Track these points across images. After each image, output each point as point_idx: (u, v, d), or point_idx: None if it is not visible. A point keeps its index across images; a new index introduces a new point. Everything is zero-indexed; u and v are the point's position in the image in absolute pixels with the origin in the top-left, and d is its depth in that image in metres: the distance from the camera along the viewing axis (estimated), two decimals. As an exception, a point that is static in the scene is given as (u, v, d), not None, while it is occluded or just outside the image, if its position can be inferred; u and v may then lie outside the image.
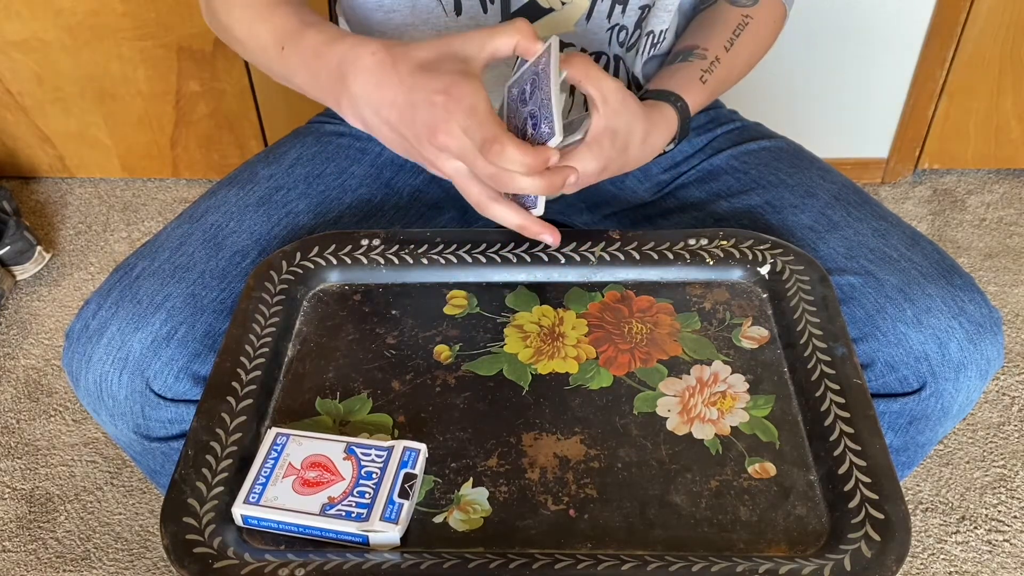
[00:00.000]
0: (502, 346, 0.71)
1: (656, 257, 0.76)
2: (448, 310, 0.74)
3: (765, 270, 0.75)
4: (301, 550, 0.57)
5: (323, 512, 0.57)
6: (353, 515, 0.57)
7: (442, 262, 0.76)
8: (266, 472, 0.60)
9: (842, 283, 0.78)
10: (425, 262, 0.76)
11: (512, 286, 0.76)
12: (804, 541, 0.58)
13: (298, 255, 0.77)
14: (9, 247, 1.65)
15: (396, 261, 0.76)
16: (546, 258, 0.76)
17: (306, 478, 0.59)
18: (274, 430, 0.62)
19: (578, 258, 0.76)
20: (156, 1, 1.66)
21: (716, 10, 0.88)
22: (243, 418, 0.64)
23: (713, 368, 0.69)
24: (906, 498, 0.92)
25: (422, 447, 0.61)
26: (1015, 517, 1.30)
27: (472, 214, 0.81)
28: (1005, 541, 1.28)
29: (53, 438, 1.43)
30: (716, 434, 0.64)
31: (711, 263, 0.76)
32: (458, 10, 0.78)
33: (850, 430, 0.62)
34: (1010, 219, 1.80)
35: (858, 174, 1.87)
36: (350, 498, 0.58)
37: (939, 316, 0.75)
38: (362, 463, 0.60)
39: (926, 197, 1.86)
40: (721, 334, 0.71)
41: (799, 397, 0.66)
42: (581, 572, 0.55)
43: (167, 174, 1.92)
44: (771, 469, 0.62)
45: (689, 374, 0.68)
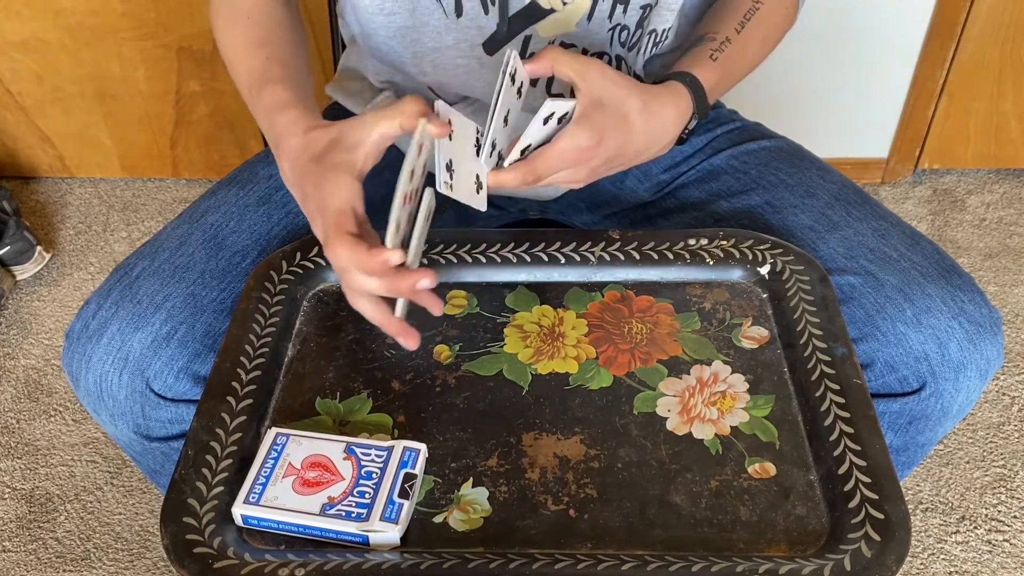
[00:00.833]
0: (502, 346, 0.71)
1: (656, 257, 0.76)
2: (448, 310, 0.74)
3: (765, 270, 0.75)
4: (301, 550, 0.57)
5: (323, 512, 0.57)
6: (353, 515, 0.57)
7: (442, 262, 0.76)
8: (266, 472, 0.60)
9: (842, 283, 0.78)
10: (425, 262, 0.76)
11: (512, 286, 0.76)
12: (804, 541, 0.58)
13: (298, 255, 0.77)
14: (9, 247, 1.65)
15: (396, 261, 0.76)
16: (546, 258, 0.76)
17: (306, 478, 0.59)
18: (274, 430, 0.62)
19: (578, 258, 0.76)
20: (156, 1, 1.66)
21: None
22: (243, 418, 0.64)
23: (713, 368, 0.69)
24: (906, 498, 0.92)
25: (422, 447, 0.61)
26: (1015, 517, 1.30)
27: (472, 214, 0.81)
28: (1005, 541, 1.28)
29: (53, 438, 1.43)
30: (716, 434, 0.64)
31: (711, 263, 0.76)
32: (459, 12, 0.78)
33: (850, 430, 0.62)
34: (1010, 219, 1.80)
35: (858, 174, 1.87)
36: (350, 498, 0.58)
37: (939, 316, 0.75)
38: (362, 463, 0.60)
39: (926, 197, 1.86)
40: (721, 334, 0.71)
41: (799, 397, 0.66)
42: (581, 572, 0.55)
43: (167, 174, 1.92)
44: (771, 469, 0.62)
45: (689, 374, 0.68)
